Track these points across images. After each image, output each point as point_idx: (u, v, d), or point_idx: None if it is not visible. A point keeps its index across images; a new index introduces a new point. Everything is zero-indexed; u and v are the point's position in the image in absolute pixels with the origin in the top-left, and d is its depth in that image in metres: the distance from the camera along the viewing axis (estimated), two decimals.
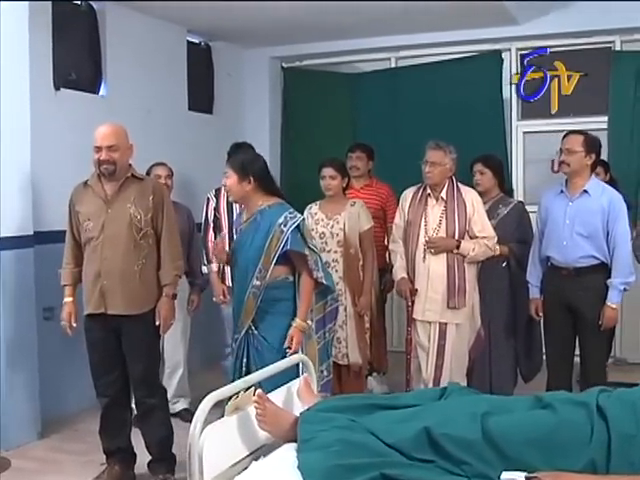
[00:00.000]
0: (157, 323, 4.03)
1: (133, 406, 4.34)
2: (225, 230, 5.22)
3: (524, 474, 2.38)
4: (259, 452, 2.95)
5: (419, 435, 2.56)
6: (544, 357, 5.06)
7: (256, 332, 3.81)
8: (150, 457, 4.24)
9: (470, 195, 4.74)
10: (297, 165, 7.40)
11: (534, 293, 4.77)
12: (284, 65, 7.71)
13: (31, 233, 4.94)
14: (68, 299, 4.19)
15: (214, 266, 5.22)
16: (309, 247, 3.80)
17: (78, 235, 4.11)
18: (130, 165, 4.11)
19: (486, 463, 2.46)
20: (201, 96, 7.05)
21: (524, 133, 6.96)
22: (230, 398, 2.91)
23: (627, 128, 6.30)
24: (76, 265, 4.16)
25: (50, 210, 5.25)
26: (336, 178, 4.99)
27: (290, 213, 3.80)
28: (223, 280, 5.24)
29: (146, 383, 4.11)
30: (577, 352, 4.70)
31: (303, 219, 3.89)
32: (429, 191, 4.76)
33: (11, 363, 4.79)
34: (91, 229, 4.01)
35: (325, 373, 4.06)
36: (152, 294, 4.04)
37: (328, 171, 5.00)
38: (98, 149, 3.97)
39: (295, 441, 2.80)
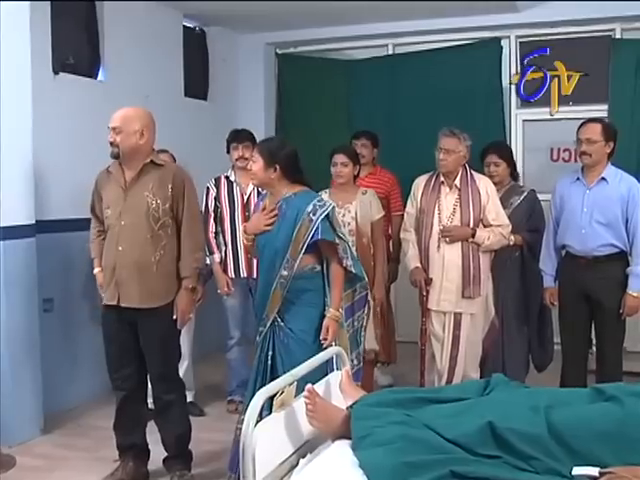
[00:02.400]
0: (174, 316, 3.91)
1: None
2: (227, 219, 5.14)
3: (597, 469, 2.32)
4: (303, 449, 2.87)
5: (483, 430, 2.48)
6: (555, 347, 5.04)
7: (282, 324, 3.68)
8: (166, 453, 4.12)
9: (484, 183, 4.69)
10: None
11: (549, 282, 4.73)
12: (278, 51, 7.57)
13: (33, 222, 4.76)
14: (98, 269, 4.11)
15: (216, 257, 5.13)
16: (338, 235, 3.68)
17: (102, 217, 4.02)
18: (153, 150, 3.98)
19: (554, 458, 2.40)
20: (196, 82, 6.90)
21: (523, 121, 6.91)
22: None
23: (627, 116, 6.27)
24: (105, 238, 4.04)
25: (49, 198, 5.10)
26: (348, 165, 4.90)
27: (319, 201, 3.66)
28: (225, 271, 5.15)
29: (164, 378, 3.98)
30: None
31: (333, 207, 3.75)
32: (442, 179, 4.69)
33: (13, 356, 4.62)
34: (109, 217, 3.91)
35: (355, 362, 3.94)
36: (171, 286, 3.91)
37: (340, 158, 4.90)
38: (109, 130, 3.87)
39: (345, 438, 2.72)
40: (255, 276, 4.48)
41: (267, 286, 3.68)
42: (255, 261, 4.95)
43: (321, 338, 3.62)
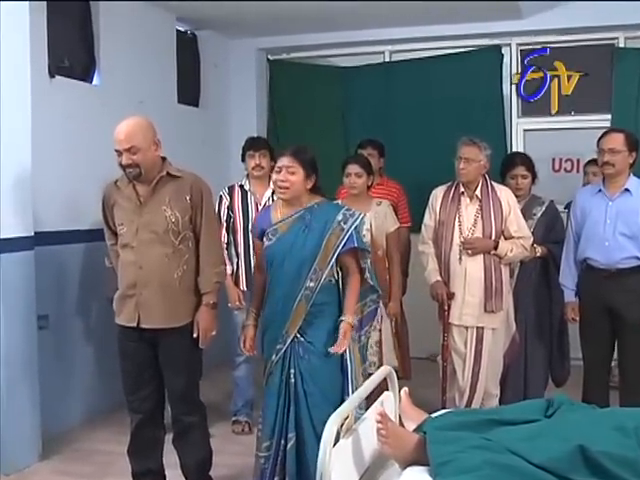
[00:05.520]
0: (195, 335, 3.66)
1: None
2: (240, 229, 4.92)
3: None
4: (366, 476, 2.73)
5: (573, 454, 2.35)
6: (572, 361, 4.94)
7: (302, 339, 3.51)
8: (184, 479, 3.88)
9: (505, 193, 4.56)
10: None
11: (570, 296, 4.60)
12: (270, 57, 7.37)
13: (32, 234, 4.48)
14: None
15: (227, 269, 4.88)
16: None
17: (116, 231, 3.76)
18: (164, 160, 3.72)
19: None
20: (188, 88, 6.67)
21: (524, 131, 6.80)
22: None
23: (630, 126, 6.13)
24: None
25: (43, 208, 4.80)
26: (362, 176, 4.72)
27: (347, 210, 3.57)
28: (237, 284, 4.93)
29: (185, 400, 3.74)
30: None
31: (363, 217, 3.66)
32: (462, 189, 4.56)
33: (10, 377, 4.32)
34: (124, 234, 3.65)
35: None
36: (193, 303, 3.68)
37: (353, 168, 4.72)
38: (118, 153, 3.56)
39: (417, 464, 2.56)
40: None
41: (289, 300, 3.51)
42: None
43: (333, 350, 3.44)
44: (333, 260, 3.48)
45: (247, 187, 4.97)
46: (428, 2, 5.83)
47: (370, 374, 4.48)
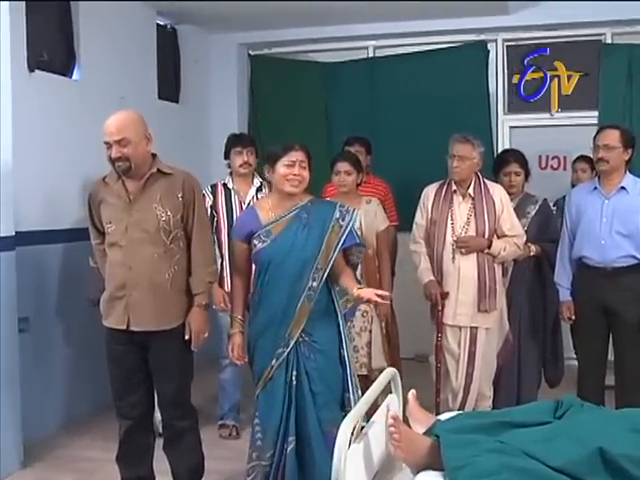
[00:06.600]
0: (187, 337, 3.53)
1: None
2: (224, 229, 4.78)
3: None
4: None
5: (592, 456, 2.30)
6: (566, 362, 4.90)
7: (307, 339, 3.41)
8: None
9: (498, 191, 4.49)
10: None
11: (565, 296, 4.54)
12: (251, 52, 7.24)
13: (13, 234, 4.32)
14: None
15: None
16: None
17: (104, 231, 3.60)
18: (155, 156, 3.59)
19: None
20: (168, 83, 6.53)
21: (510, 128, 6.75)
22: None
23: (618, 122, 6.11)
24: None
25: (22, 207, 4.61)
26: (352, 174, 4.63)
27: (341, 206, 3.50)
28: (221, 285, 4.79)
29: (176, 404, 3.62)
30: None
31: (357, 213, 3.67)
32: (455, 187, 4.47)
33: None
34: (112, 233, 3.50)
35: None
36: (185, 305, 3.55)
37: (343, 166, 4.62)
38: (108, 145, 3.42)
39: (431, 468, 2.50)
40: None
41: (291, 302, 3.38)
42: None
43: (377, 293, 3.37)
44: (334, 258, 3.40)
45: (231, 185, 4.84)
46: None
47: (369, 377, 4.46)
